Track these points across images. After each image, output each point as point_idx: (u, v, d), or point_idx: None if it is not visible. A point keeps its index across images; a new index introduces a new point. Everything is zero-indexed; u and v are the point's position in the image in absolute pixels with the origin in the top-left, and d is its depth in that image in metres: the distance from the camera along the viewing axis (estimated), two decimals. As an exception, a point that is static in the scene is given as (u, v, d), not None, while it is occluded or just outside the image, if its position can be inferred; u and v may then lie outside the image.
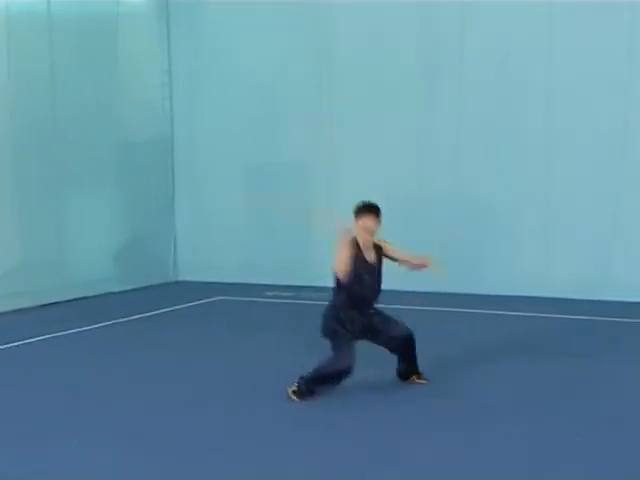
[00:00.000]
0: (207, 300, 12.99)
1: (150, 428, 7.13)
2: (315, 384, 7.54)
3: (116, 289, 13.68)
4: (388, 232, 12.89)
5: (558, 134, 12.43)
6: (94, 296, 13.26)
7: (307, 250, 13.96)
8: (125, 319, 11.56)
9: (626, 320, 11.05)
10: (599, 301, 12.06)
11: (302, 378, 7.55)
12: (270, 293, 13.30)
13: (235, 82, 14.26)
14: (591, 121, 12.23)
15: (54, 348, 10.14)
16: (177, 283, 14.73)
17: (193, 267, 14.76)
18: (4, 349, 9.93)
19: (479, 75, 12.93)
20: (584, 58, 12.28)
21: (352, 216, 7.61)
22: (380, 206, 7.72)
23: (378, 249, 7.73)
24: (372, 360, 7.96)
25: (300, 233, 13.98)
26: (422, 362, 8.12)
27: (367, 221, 7.53)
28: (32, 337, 10.42)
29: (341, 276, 7.35)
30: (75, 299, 12.96)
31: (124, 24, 14.12)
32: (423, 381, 7.96)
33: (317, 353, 8.67)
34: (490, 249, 12.76)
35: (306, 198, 14.07)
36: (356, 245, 7.50)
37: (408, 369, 7.99)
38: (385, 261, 7.85)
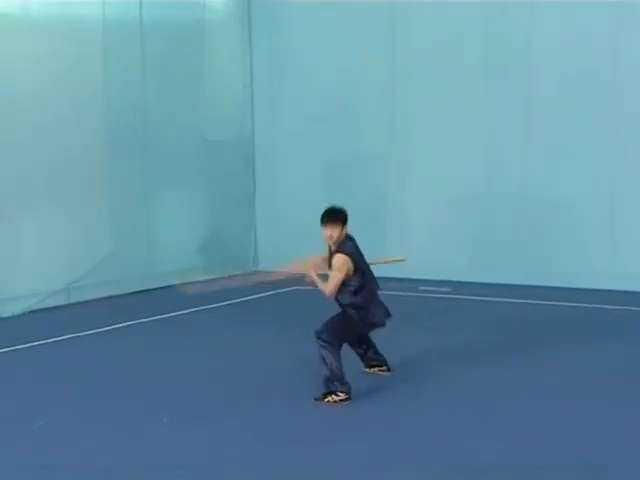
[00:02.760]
0: (283, 290, 12.93)
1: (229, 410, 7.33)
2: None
3: (200, 278, 13.51)
4: (455, 229, 13.19)
5: (624, 131, 12.27)
6: (179, 284, 13.34)
7: (380, 242, 13.71)
8: (209, 306, 11.72)
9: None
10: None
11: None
12: None
13: (312, 82, 14.30)
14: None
15: (141, 333, 10.39)
16: (257, 273, 14.59)
17: (271, 258, 14.55)
18: (101, 332, 10.21)
19: (546, 73, 12.73)
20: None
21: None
22: (343, 210, 7.93)
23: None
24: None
25: (373, 227, 13.80)
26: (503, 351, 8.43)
27: (323, 231, 7.79)
28: (122, 322, 10.63)
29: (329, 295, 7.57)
30: (161, 287, 13.09)
31: (209, 29, 14.31)
32: (384, 372, 8.11)
33: (386, 339, 8.71)
34: (556, 245, 12.64)
35: (378, 194, 14.08)
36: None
37: (375, 356, 8.17)
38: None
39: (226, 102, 14.64)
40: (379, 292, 7.98)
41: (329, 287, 7.50)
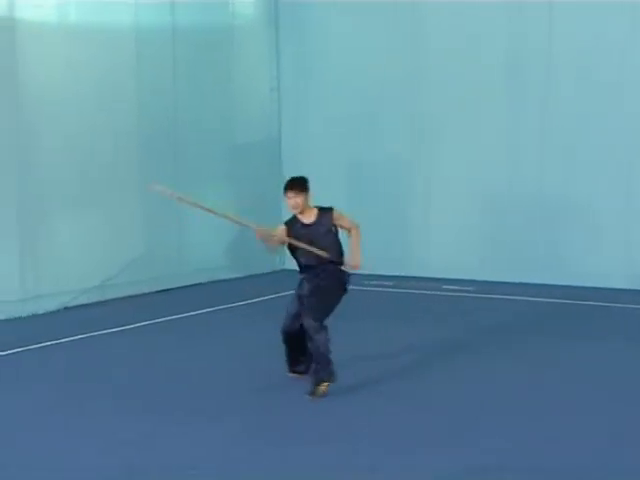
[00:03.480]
0: None
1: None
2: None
3: (228, 276, 13.97)
4: (477, 229, 13.23)
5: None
6: (207, 282, 13.56)
7: (405, 242, 14.05)
8: (236, 304, 11.89)
9: None
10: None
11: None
12: (370, 282, 13.23)
13: (337, 85, 14.41)
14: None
15: (169, 330, 10.50)
16: (283, 271, 14.76)
17: None
18: (131, 329, 10.37)
19: (564, 73, 12.74)
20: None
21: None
22: (304, 178, 7.91)
23: (324, 212, 7.88)
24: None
25: (396, 227, 14.04)
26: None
27: (288, 201, 7.82)
28: (152, 319, 10.79)
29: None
30: (190, 285, 13.26)
31: (238, 35, 14.43)
32: (309, 397, 7.44)
33: (406, 334, 9.04)
34: (574, 244, 12.68)
35: (401, 195, 14.11)
36: (291, 220, 7.83)
37: (309, 367, 7.77)
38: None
39: (254, 105, 14.77)
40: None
41: (355, 224, 7.94)
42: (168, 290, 12.89)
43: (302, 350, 7.75)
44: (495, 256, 13.20)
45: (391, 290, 12.89)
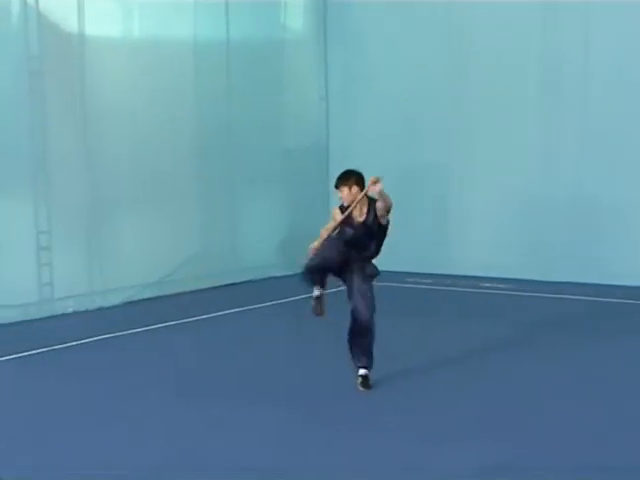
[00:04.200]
0: None
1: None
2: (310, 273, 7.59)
3: (278, 274, 14.10)
4: (513, 229, 13.34)
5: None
6: (260, 279, 13.73)
7: (444, 242, 14.11)
8: (287, 300, 12.02)
9: None
10: None
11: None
12: (410, 280, 13.39)
13: (381, 94, 14.42)
14: None
15: (224, 324, 10.72)
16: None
17: None
18: (189, 322, 10.60)
19: (601, 76, 12.64)
20: None
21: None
22: (356, 172, 7.79)
23: (372, 204, 7.56)
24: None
25: (436, 228, 14.16)
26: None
27: (340, 193, 7.66)
28: (208, 314, 10.98)
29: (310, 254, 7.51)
30: (244, 282, 13.44)
31: (289, 48, 14.60)
32: (360, 388, 7.51)
33: (448, 332, 9.25)
34: (610, 244, 12.66)
35: (441, 197, 14.16)
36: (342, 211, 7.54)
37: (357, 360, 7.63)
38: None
39: (303, 113, 14.89)
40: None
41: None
42: (223, 286, 13.07)
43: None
44: (531, 255, 13.17)
45: (431, 287, 12.97)
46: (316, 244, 7.63)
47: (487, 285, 12.82)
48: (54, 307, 11.36)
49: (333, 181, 15.22)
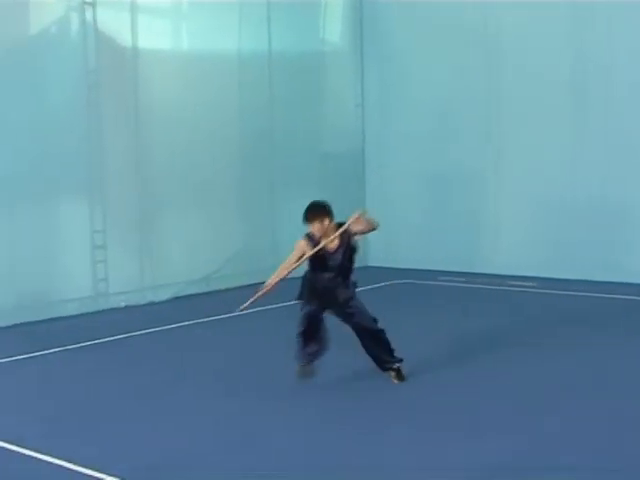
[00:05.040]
0: (390, 282, 13.41)
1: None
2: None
3: None
4: (542, 230, 13.41)
5: None
6: (299, 277, 13.63)
7: (476, 243, 14.25)
8: None
9: None
10: None
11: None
12: (443, 278, 13.54)
13: (415, 103, 14.59)
14: None
15: (264, 319, 10.72)
16: (365, 268, 14.79)
17: (379, 255, 15.07)
18: (233, 317, 10.30)
19: (624, 80, 12.62)
20: None
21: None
22: (323, 203, 7.62)
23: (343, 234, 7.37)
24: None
25: (468, 230, 14.25)
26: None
27: (311, 227, 7.47)
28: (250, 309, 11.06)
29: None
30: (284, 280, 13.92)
31: (327, 59, 14.91)
32: (395, 381, 7.56)
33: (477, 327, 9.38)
34: (634, 243, 12.73)
35: (475, 200, 14.26)
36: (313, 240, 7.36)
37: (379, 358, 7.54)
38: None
39: (341, 120, 15.17)
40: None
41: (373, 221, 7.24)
42: (263, 283, 12.82)
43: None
44: (558, 255, 13.23)
45: (462, 285, 13.07)
46: (271, 281, 7.42)
47: (516, 283, 12.93)
48: (108, 301, 11.81)
49: (368, 184, 15.73)
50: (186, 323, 10.65)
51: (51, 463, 5.99)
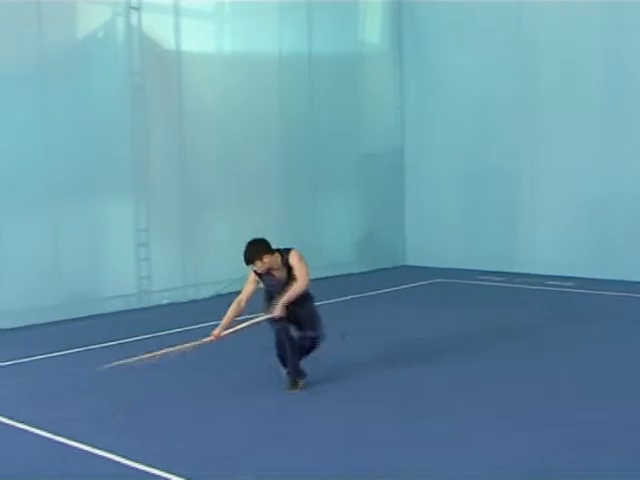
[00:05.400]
0: (428, 282, 13.48)
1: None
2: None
3: (356, 270, 14.49)
4: (580, 230, 13.38)
5: None
6: (338, 275, 14.03)
7: (514, 242, 14.25)
8: (363, 294, 12.32)
9: None
10: None
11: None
12: (482, 277, 13.60)
13: (453, 104, 14.66)
14: None
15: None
16: (404, 267, 15.18)
17: (418, 254, 15.22)
18: None
19: None
20: None
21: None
22: (260, 241, 7.75)
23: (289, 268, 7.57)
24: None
25: (505, 229, 14.27)
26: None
27: (254, 267, 7.65)
28: None
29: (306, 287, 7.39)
30: (324, 277, 13.32)
31: (366, 61, 14.98)
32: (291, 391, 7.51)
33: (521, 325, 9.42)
34: None
35: (512, 200, 14.27)
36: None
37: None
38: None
39: (380, 121, 15.25)
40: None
41: (304, 280, 7.43)
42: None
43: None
44: (594, 255, 13.23)
45: (501, 285, 13.10)
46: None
47: (552, 283, 12.97)
48: (151, 298, 12.01)
49: (407, 184, 15.75)
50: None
51: (92, 454, 6.09)
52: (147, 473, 5.75)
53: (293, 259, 7.60)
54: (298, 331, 7.64)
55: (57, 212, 11.09)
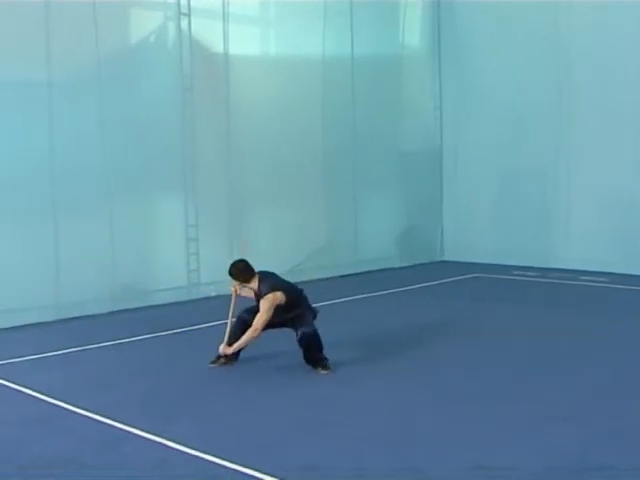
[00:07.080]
0: (465, 276, 13.63)
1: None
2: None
3: (395, 265, 14.67)
4: (613, 227, 13.33)
5: None
6: (378, 270, 14.22)
7: (549, 238, 14.30)
8: (403, 288, 12.43)
9: None
10: None
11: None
12: (517, 272, 13.66)
13: (490, 103, 14.76)
14: None
15: (354, 307, 11.15)
16: (442, 262, 15.32)
17: (455, 250, 15.37)
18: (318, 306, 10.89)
19: None
20: None
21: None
22: (231, 271, 7.99)
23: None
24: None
25: (540, 226, 14.31)
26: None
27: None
28: (330, 300, 11.03)
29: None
30: (364, 272, 13.91)
31: (406, 63, 15.10)
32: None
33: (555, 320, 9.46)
34: None
35: (546, 197, 14.32)
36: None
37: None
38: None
39: (419, 120, 15.41)
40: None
41: (256, 332, 7.65)
42: (345, 276, 13.54)
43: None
44: (627, 251, 13.26)
45: (535, 279, 13.16)
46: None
47: (586, 278, 12.99)
48: (200, 291, 12.20)
49: (445, 182, 15.83)
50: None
51: (156, 441, 6.16)
52: (199, 458, 5.78)
53: (263, 303, 7.79)
54: (294, 331, 7.88)
55: (112, 210, 11.29)
